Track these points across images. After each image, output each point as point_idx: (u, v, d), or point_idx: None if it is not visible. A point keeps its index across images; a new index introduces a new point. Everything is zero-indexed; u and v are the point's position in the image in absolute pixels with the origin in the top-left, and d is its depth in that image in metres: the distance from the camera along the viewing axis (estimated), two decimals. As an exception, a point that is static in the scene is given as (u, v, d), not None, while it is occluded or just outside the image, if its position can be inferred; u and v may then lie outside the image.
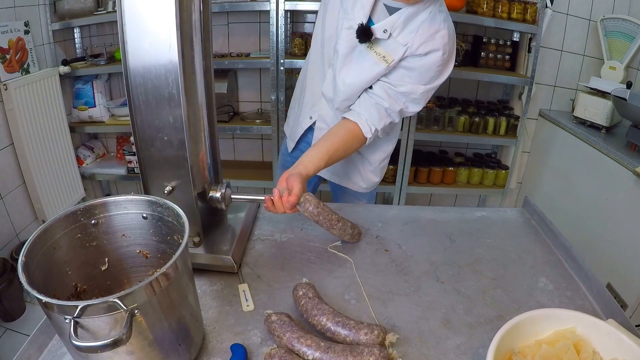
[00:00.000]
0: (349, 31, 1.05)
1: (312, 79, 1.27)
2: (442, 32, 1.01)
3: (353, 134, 1.08)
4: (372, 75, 1.07)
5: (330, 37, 1.14)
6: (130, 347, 0.53)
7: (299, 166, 0.97)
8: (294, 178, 0.91)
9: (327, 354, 0.63)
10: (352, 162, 1.33)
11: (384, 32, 1.02)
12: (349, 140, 1.08)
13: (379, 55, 1.05)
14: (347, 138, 1.07)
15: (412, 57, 1.04)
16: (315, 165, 0.99)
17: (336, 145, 1.05)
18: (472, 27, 2.36)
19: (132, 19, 0.68)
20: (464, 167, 2.49)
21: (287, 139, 1.45)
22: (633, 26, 2.04)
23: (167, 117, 0.74)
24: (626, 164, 1.78)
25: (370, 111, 1.08)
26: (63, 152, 2.32)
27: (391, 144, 1.32)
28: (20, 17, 2.01)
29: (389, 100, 1.07)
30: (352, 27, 1.04)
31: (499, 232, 1.06)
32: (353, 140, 1.09)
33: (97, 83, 2.44)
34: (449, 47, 1.02)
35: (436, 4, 1.02)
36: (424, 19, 1.01)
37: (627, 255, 1.77)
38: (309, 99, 1.29)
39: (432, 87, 1.07)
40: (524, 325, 0.66)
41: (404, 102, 1.09)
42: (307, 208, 0.90)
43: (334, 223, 0.92)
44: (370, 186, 1.40)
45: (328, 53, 1.16)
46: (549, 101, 2.48)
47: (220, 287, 0.84)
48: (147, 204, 0.68)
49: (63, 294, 0.63)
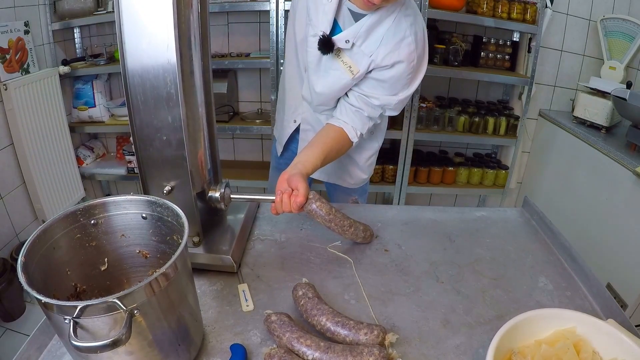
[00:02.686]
0: (314, 39, 1.05)
1: (291, 83, 1.27)
2: (408, 39, 0.98)
3: (342, 136, 1.08)
4: (340, 85, 1.07)
5: (302, 42, 1.14)
6: (129, 347, 0.53)
7: (298, 166, 0.96)
8: (296, 178, 0.90)
9: (327, 354, 0.63)
10: (340, 162, 1.33)
11: (346, 42, 1.01)
12: (340, 141, 1.08)
13: (345, 64, 1.05)
14: (337, 139, 1.07)
15: (379, 70, 1.03)
16: (312, 164, 0.99)
17: (330, 146, 1.05)
18: (472, 27, 2.36)
19: (130, 19, 0.68)
20: (464, 167, 2.49)
21: (277, 142, 1.45)
22: (633, 26, 2.04)
23: (165, 117, 0.74)
24: (626, 164, 1.78)
25: (351, 118, 1.09)
26: (63, 152, 2.32)
27: (376, 142, 1.33)
28: (20, 17, 2.01)
29: (367, 109, 1.08)
30: (317, 34, 1.03)
31: (498, 232, 1.06)
32: (343, 142, 1.09)
33: (97, 83, 2.44)
34: (417, 54, 1.00)
35: (401, 9, 0.99)
36: (387, 27, 0.99)
37: (627, 255, 1.77)
38: (290, 102, 1.30)
39: (406, 96, 1.07)
40: (524, 325, 0.66)
41: (381, 111, 1.09)
42: (319, 213, 0.89)
43: (345, 228, 0.92)
44: (359, 182, 1.40)
45: (302, 57, 1.16)
46: (549, 101, 2.47)
47: (219, 287, 0.84)
48: (146, 204, 0.68)
49: (63, 294, 0.63)
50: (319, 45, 1.02)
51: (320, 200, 0.90)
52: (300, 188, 0.88)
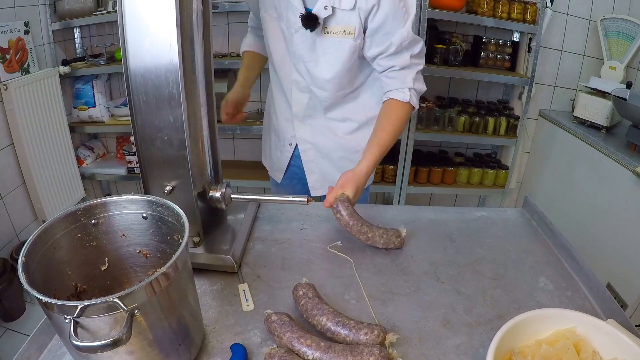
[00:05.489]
0: (298, 32, 1.06)
1: (279, 106, 1.28)
2: None
3: (396, 109, 1.09)
4: (346, 54, 1.07)
5: (281, 60, 1.17)
6: (130, 347, 0.53)
7: (355, 170, 1.03)
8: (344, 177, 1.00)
9: (327, 354, 0.63)
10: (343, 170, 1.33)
11: (325, 9, 1.01)
12: (391, 114, 1.09)
13: (338, 32, 1.05)
14: (388, 115, 1.09)
15: (372, 16, 1.02)
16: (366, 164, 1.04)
17: (383, 130, 1.07)
18: (472, 27, 2.36)
19: (133, 19, 0.69)
20: (464, 167, 2.49)
21: (272, 171, 1.44)
22: (633, 26, 2.04)
23: (167, 116, 0.74)
24: (626, 164, 1.78)
25: (391, 82, 1.09)
26: (63, 152, 2.32)
27: None
28: (20, 17, 2.01)
29: (392, 61, 1.07)
30: (296, 23, 1.04)
31: (499, 232, 1.06)
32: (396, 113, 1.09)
33: (97, 83, 2.44)
34: None
35: None
36: None
37: (627, 255, 1.77)
38: (282, 126, 1.30)
39: (412, 20, 1.05)
40: (524, 325, 0.66)
41: (406, 53, 1.07)
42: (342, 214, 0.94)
43: (362, 233, 0.94)
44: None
45: (284, 75, 1.19)
46: (549, 101, 2.48)
47: (220, 287, 0.84)
48: (147, 204, 0.68)
49: (63, 294, 0.63)
50: (303, 23, 1.02)
51: (344, 205, 0.94)
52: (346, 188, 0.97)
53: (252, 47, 1.38)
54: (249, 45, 1.39)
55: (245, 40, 1.40)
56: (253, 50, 1.38)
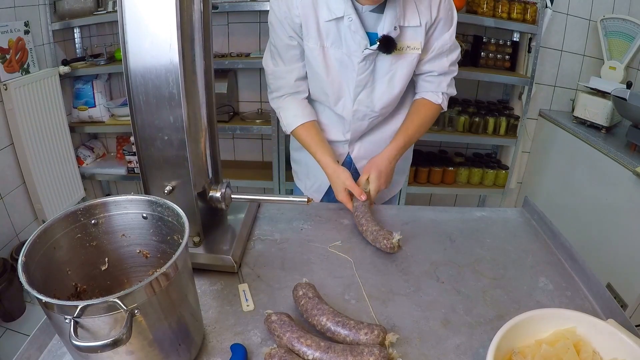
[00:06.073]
0: (366, 59, 1.05)
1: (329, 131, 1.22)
2: None
3: (427, 107, 1.17)
4: (411, 68, 1.10)
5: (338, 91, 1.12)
6: (130, 347, 0.53)
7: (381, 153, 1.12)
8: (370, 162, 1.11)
9: (327, 354, 0.63)
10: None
11: (395, 30, 1.02)
12: (426, 115, 1.17)
13: (405, 49, 1.07)
14: (422, 114, 1.17)
15: (434, 28, 1.07)
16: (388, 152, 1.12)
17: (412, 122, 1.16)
18: (472, 27, 2.35)
19: (133, 19, 0.69)
20: (464, 167, 2.49)
21: (310, 191, 1.30)
22: (633, 26, 2.04)
23: (167, 116, 0.74)
24: (626, 164, 1.78)
25: (426, 86, 1.17)
26: (63, 152, 2.32)
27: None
28: (20, 17, 2.01)
29: (434, 66, 1.12)
30: (366, 48, 1.03)
31: (499, 232, 1.06)
32: (431, 113, 1.18)
33: (97, 83, 2.44)
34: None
35: None
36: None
37: (627, 255, 1.77)
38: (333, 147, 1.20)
39: (455, 25, 1.10)
40: (524, 325, 0.66)
41: (445, 59, 1.12)
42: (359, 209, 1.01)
43: (369, 233, 0.96)
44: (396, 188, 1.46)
45: (342, 106, 1.15)
46: (549, 101, 2.48)
47: (220, 287, 0.84)
48: (147, 204, 0.68)
49: (63, 294, 0.63)
50: (382, 48, 1.02)
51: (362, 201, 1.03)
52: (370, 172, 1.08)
53: (306, 116, 1.15)
54: (302, 116, 1.15)
55: (288, 113, 1.16)
56: (310, 120, 1.16)
